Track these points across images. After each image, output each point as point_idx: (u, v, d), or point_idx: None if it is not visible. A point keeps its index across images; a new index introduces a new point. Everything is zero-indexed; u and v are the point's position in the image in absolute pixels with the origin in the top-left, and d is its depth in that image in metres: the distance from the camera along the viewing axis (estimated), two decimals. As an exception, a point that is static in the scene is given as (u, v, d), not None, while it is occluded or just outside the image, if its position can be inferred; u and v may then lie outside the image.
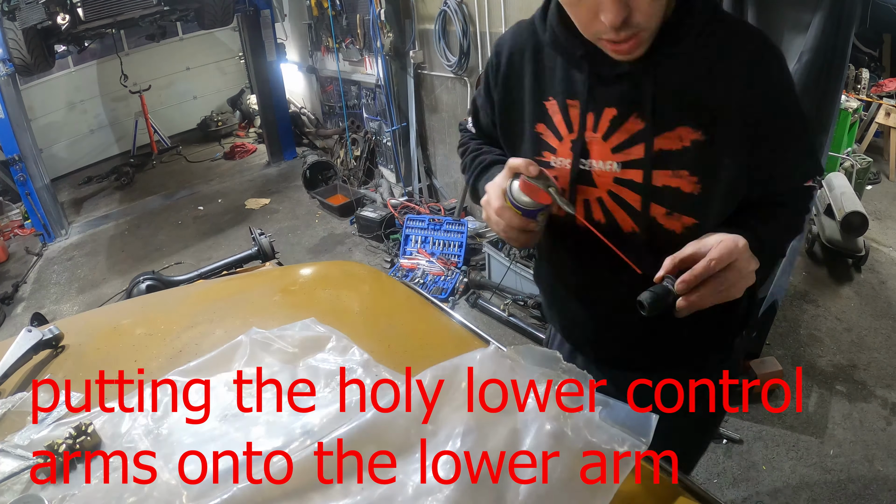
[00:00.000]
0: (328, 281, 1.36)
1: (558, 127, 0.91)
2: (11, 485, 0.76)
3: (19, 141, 4.84)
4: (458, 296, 3.53)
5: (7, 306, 4.13)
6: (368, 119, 5.07)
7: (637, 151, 0.85)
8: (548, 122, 0.92)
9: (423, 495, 0.65)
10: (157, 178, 6.59)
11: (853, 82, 4.80)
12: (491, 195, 0.86)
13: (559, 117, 0.91)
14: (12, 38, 4.33)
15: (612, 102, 0.85)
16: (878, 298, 3.15)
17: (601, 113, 0.86)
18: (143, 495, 0.73)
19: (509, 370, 0.76)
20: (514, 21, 3.28)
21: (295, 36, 6.37)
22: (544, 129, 0.93)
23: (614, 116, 0.85)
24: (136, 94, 6.75)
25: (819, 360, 2.71)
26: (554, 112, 0.91)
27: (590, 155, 0.89)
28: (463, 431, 0.70)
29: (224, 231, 4.96)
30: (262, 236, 1.88)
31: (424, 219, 3.99)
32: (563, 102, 0.90)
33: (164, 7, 4.80)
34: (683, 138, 0.82)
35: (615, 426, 0.69)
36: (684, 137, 0.82)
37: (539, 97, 0.93)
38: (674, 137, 0.83)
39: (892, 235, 3.77)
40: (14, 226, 5.58)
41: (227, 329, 1.10)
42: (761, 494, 2.11)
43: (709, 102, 0.82)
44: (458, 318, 1.18)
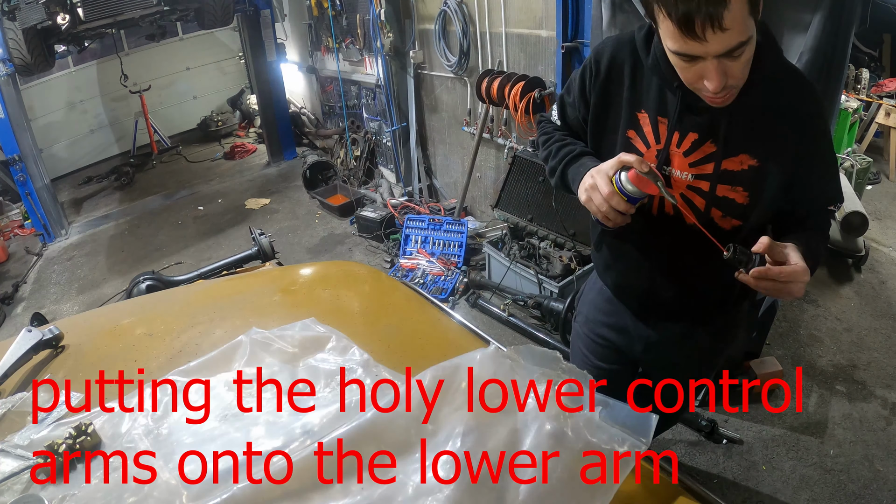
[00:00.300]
0: (328, 281, 1.36)
1: (647, 137, 1.12)
2: (12, 485, 0.76)
3: (19, 141, 4.84)
4: (458, 296, 3.53)
5: (7, 306, 4.13)
6: (368, 119, 5.07)
7: (708, 168, 1.08)
8: (638, 130, 1.13)
9: (423, 495, 0.65)
10: (157, 178, 6.59)
11: (853, 82, 4.79)
12: (599, 182, 1.02)
13: (649, 129, 1.12)
14: (12, 38, 4.32)
15: (695, 128, 1.07)
16: (878, 298, 3.15)
17: (685, 135, 1.08)
18: (143, 495, 0.73)
19: (509, 370, 0.76)
20: (514, 21, 3.31)
21: (295, 36, 6.37)
22: (634, 135, 1.14)
23: (695, 140, 1.07)
24: (136, 94, 6.75)
25: (819, 360, 2.71)
26: (645, 124, 1.12)
27: (671, 164, 1.11)
28: (463, 431, 0.70)
29: (224, 231, 4.95)
30: (262, 236, 1.88)
31: (424, 219, 3.99)
32: (655, 119, 1.11)
33: (164, 7, 4.80)
34: (744, 163, 1.06)
35: (615, 426, 0.69)
36: (744, 162, 1.06)
37: (633, 108, 1.13)
38: (736, 161, 1.06)
39: (892, 235, 3.77)
40: (14, 226, 5.58)
41: (227, 329, 1.10)
42: (761, 494, 2.11)
43: (766, 137, 1.05)
44: (458, 318, 1.18)
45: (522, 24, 3.29)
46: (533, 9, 3.17)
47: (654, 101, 1.10)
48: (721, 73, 0.92)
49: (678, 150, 1.10)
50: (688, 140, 1.08)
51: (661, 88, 1.09)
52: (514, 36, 3.36)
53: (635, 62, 1.11)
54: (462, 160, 4.23)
